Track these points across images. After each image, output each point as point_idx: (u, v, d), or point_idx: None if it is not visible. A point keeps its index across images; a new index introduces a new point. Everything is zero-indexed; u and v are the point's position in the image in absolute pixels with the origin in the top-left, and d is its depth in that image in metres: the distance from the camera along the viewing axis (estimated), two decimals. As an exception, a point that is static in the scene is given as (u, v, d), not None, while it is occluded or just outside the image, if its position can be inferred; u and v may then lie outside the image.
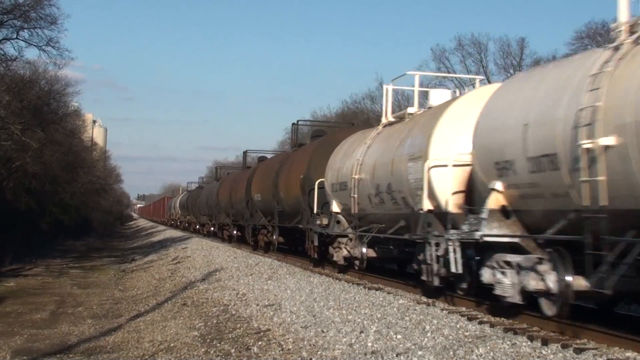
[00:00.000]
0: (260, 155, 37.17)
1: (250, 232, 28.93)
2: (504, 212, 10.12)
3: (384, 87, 16.65)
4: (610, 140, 7.81)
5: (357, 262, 16.59)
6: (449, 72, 50.35)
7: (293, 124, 27.16)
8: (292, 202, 21.89)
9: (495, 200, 10.16)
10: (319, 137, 23.38)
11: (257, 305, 13.26)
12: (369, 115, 49.92)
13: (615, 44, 8.58)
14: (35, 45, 28.08)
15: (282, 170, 23.68)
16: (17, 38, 27.65)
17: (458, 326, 9.55)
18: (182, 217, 62.53)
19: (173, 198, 79.65)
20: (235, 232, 34.26)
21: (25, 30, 27.72)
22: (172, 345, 10.89)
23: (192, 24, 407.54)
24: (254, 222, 27.99)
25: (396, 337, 9.16)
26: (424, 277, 12.50)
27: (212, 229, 41.60)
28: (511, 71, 46.63)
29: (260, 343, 10.04)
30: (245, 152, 40.66)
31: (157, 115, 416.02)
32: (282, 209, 23.45)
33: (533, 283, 9.17)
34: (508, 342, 8.29)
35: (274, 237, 25.36)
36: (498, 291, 9.99)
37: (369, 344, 9.00)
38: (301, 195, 20.45)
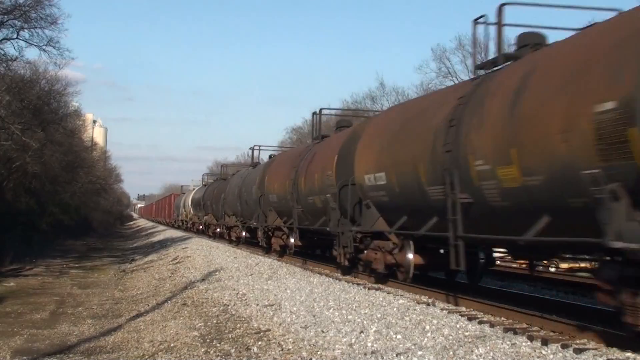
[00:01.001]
0: (340, 120, 23.52)
1: (350, 244, 15.70)
2: None
3: None
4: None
5: None
6: (449, 72, 50.37)
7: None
8: (543, 177, 8.59)
9: None
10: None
11: (257, 305, 13.25)
12: (369, 116, 49.90)
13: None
14: (35, 45, 28.15)
15: (474, 111, 10.40)
16: (17, 38, 27.73)
17: (458, 326, 9.54)
18: (195, 217, 50.32)
19: (182, 194, 66.35)
20: (293, 240, 21.53)
21: (26, 30, 27.80)
22: (172, 345, 10.89)
23: (192, 24, 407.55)
24: (355, 229, 15.48)
25: (396, 337, 9.16)
26: None
27: (245, 234, 30.01)
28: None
29: (260, 343, 10.04)
30: (319, 113, 23.12)
31: (158, 115, 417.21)
32: (483, 200, 10.09)
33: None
34: (508, 342, 8.29)
35: (409, 256, 13.32)
36: None
37: (369, 344, 8.99)
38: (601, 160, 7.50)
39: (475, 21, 11.70)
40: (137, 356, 10.59)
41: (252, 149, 34.84)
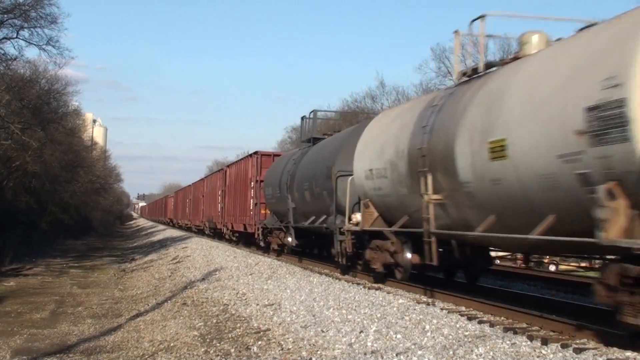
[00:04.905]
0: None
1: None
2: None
3: None
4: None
5: None
6: (449, 72, 50.36)
7: None
8: None
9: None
10: None
11: (257, 304, 13.25)
12: (369, 115, 49.88)
13: None
14: (35, 45, 28.16)
15: None
16: (17, 37, 27.72)
17: (458, 326, 9.54)
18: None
19: (284, 157, 24.20)
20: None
21: (26, 30, 27.80)
22: (172, 344, 10.89)
23: (194, 24, 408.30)
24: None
25: (396, 337, 9.16)
26: None
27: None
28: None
29: (260, 343, 10.04)
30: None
31: (159, 114, 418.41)
32: None
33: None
34: (508, 342, 8.29)
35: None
36: None
37: (369, 344, 8.99)
38: None
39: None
40: (137, 356, 10.59)
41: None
